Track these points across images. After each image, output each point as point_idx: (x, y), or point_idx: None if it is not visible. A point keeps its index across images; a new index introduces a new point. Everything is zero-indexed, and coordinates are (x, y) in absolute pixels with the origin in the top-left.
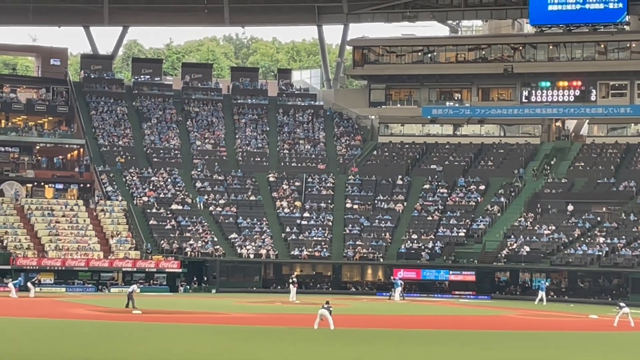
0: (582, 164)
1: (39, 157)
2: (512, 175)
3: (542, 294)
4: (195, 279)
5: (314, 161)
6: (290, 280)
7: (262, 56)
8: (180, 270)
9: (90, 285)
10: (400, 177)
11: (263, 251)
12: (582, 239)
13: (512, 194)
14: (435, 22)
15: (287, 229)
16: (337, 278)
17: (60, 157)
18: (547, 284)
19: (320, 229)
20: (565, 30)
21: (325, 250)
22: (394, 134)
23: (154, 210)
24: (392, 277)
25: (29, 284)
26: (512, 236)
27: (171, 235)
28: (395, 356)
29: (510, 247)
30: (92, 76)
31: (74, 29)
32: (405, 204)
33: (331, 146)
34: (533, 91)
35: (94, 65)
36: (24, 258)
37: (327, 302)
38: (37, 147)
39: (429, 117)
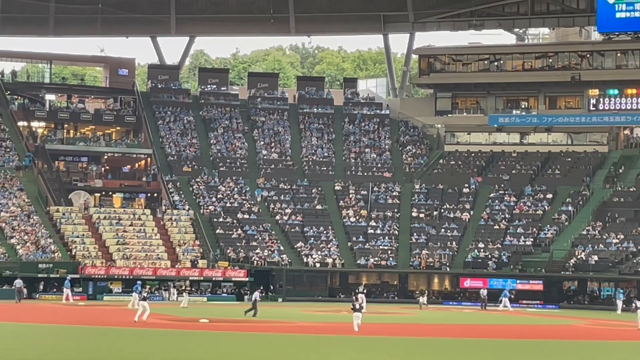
0: None
1: (107, 167)
2: (579, 184)
3: (620, 303)
4: (261, 288)
5: (379, 170)
6: (358, 291)
7: (328, 65)
8: (247, 279)
9: (157, 294)
10: (466, 185)
11: (329, 260)
12: None
13: (580, 202)
14: (501, 31)
15: (353, 238)
16: (404, 287)
17: (128, 166)
18: (623, 297)
19: (386, 237)
20: (633, 37)
21: (391, 259)
22: (460, 143)
23: (220, 220)
24: (504, 290)
25: (184, 294)
26: (580, 245)
27: (237, 244)
28: None
29: (578, 256)
30: (159, 86)
31: (141, 39)
32: (471, 212)
33: (397, 155)
34: (601, 99)
35: (161, 75)
36: (92, 267)
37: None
38: (105, 157)
39: (495, 125)
